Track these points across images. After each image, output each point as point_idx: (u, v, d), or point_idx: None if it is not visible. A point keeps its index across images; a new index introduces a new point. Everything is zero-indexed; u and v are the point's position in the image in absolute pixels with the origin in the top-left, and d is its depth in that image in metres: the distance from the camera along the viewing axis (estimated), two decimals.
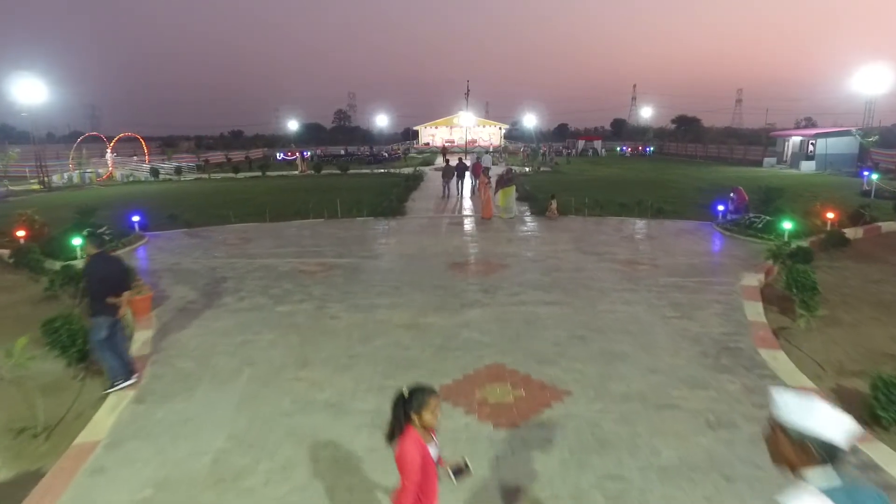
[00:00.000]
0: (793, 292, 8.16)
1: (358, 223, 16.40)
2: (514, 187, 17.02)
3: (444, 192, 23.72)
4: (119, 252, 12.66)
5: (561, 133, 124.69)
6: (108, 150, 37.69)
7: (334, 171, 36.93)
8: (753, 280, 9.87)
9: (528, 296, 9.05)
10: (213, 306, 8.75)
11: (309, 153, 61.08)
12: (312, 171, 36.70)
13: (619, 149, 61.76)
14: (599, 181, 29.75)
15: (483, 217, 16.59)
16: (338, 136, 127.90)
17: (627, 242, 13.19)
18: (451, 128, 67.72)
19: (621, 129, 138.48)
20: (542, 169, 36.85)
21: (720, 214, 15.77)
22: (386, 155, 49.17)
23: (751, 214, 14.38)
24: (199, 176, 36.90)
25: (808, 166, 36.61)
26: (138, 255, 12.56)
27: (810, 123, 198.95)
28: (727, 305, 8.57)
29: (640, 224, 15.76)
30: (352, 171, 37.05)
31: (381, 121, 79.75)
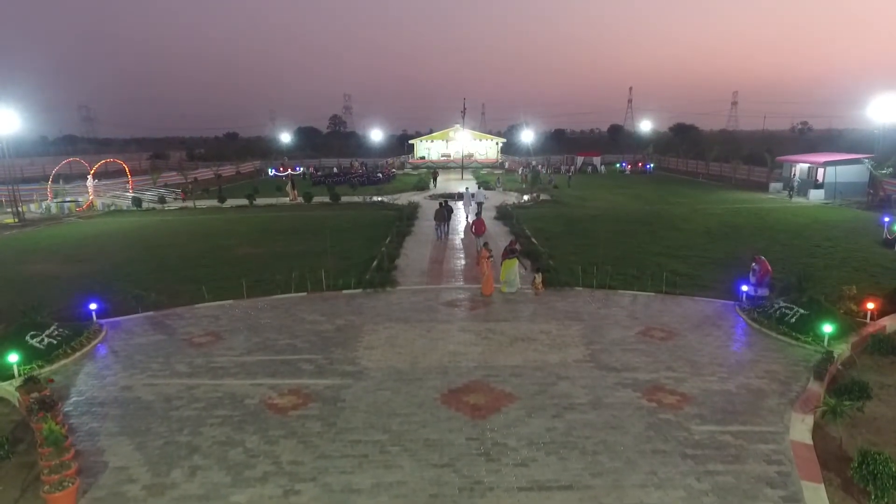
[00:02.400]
0: (867, 486, 6.63)
1: (343, 302, 14.75)
2: (516, 260, 15.44)
3: (437, 234, 23.67)
4: (67, 361, 11.04)
5: (558, 139, 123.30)
6: (90, 177, 35.86)
7: (325, 200, 35.22)
8: (803, 429, 8.30)
9: (538, 468, 7.45)
10: (155, 491, 7.11)
11: (301, 169, 59.47)
12: (302, 200, 34.98)
13: (618, 165, 60.24)
14: (603, 219, 28.16)
15: (483, 293, 15.00)
16: (333, 141, 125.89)
17: (646, 345, 11.61)
18: (447, 141, 65.94)
19: (618, 135, 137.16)
20: (541, 198, 35.26)
21: (743, 295, 14.22)
22: (380, 176, 47.50)
23: (781, 303, 12.82)
24: (184, 205, 35.14)
25: (816, 195, 35.17)
26: (87, 368, 10.88)
27: (806, 127, 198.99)
28: (784, 491, 6.99)
29: (655, 306, 14.17)
30: (344, 199, 35.37)
31: (376, 135, 77.95)
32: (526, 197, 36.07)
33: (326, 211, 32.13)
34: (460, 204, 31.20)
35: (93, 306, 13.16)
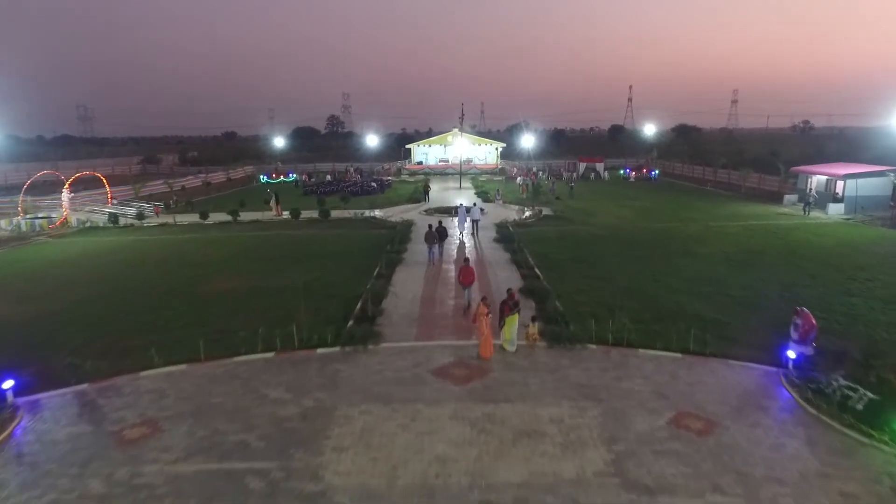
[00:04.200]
0: None
1: (315, 368, 12.38)
2: (517, 315, 13.12)
3: (429, 257, 22.00)
4: None
5: (557, 140, 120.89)
6: (65, 190, 33.47)
7: (314, 215, 32.80)
8: None
9: None
10: None
11: (294, 175, 57.13)
12: (288, 215, 32.57)
13: (622, 171, 57.75)
14: (612, 240, 25.75)
15: (481, 356, 12.65)
16: (330, 142, 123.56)
17: (682, 444, 9.24)
18: (445, 146, 63.46)
19: (619, 136, 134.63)
20: (543, 213, 32.86)
21: (788, 362, 11.88)
22: (375, 185, 45.09)
23: (841, 381, 10.48)
24: (165, 221, 32.73)
25: (835, 209, 32.80)
26: None
27: (808, 126, 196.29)
28: None
29: (684, 375, 11.80)
30: (334, 215, 32.98)
31: (373, 140, 75.53)
32: (527, 212, 33.69)
33: (314, 229, 29.77)
34: (455, 220, 28.95)
35: (8, 384, 10.79)
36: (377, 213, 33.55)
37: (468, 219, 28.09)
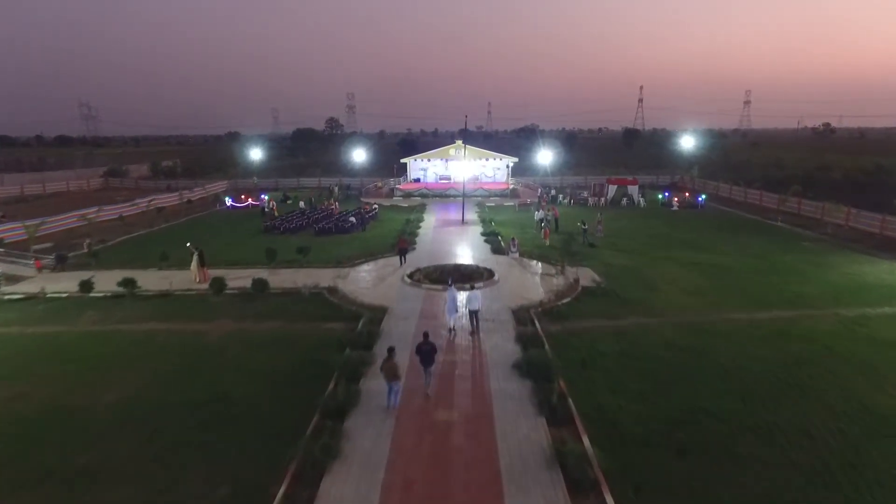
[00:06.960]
0: None
1: None
2: None
3: (389, 400, 12.33)
4: None
5: (570, 145, 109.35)
6: None
7: (245, 286, 21.62)
8: None
9: None
10: None
11: (266, 197, 46.32)
12: (210, 289, 21.49)
13: (660, 196, 46.22)
14: (709, 366, 14.48)
15: None
16: (328, 146, 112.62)
17: None
18: (446, 160, 52.31)
19: (634, 140, 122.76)
20: (581, 284, 21.69)
21: None
22: (353, 221, 34.04)
23: None
24: (35, 291, 21.77)
25: None
26: None
27: (828, 129, 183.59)
28: None
29: None
30: (280, 281, 22.11)
31: (360, 154, 64.37)
32: (557, 277, 22.69)
33: (235, 319, 18.77)
34: (448, 293, 18.08)
35: None
36: (342, 274, 22.66)
37: (460, 307, 17.50)
